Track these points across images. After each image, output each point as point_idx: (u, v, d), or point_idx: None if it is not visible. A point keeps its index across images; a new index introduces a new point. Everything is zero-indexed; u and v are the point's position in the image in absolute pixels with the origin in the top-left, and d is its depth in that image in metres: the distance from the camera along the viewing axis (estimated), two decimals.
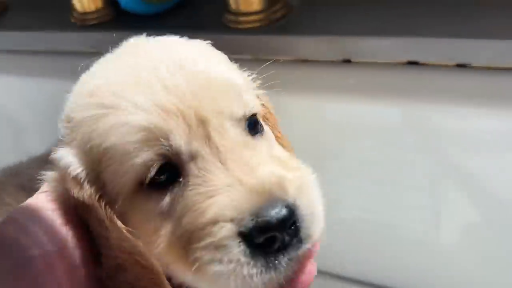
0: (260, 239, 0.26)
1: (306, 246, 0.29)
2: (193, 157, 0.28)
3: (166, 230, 0.28)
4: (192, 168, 0.28)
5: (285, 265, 0.27)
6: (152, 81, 0.29)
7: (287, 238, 0.27)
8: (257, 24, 0.56)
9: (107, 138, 0.28)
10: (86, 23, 0.66)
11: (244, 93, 0.32)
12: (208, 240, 0.26)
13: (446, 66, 0.47)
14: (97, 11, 0.66)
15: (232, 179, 0.27)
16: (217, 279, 0.27)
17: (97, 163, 0.30)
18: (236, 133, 0.30)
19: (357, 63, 0.51)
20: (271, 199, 0.27)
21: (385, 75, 0.50)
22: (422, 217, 0.56)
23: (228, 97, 0.31)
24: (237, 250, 0.26)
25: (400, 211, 0.57)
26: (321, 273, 0.66)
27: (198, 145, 0.28)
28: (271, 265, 0.27)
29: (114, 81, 0.30)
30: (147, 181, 0.28)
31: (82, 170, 0.30)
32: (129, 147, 0.28)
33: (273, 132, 0.37)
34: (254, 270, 0.27)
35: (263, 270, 0.27)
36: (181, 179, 0.28)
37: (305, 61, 0.54)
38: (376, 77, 0.50)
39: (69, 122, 0.31)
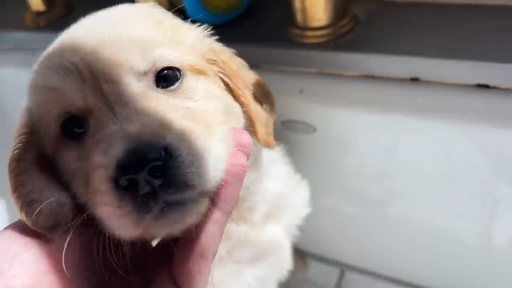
0: (124, 182, 0.26)
1: (185, 192, 0.27)
2: (90, 110, 0.30)
3: (81, 171, 0.30)
4: (91, 120, 0.30)
5: (157, 209, 0.27)
6: (69, 44, 0.32)
7: (156, 181, 0.26)
8: (324, 39, 0.56)
9: (33, 99, 0.33)
10: None
11: (157, 48, 0.32)
12: (91, 185, 0.28)
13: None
14: None
15: (117, 127, 0.28)
16: (104, 220, 0.28)
17: (36, 121, 0.34)
18: (136, 86, 0.31)
19: (425, 82, 0.52)
20: (140, 143, 0.27)
21: (454, 96, 0.50)
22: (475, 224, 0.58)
23: (127, 51, 0.31)
24: (109, 194, 0.27)
25: (456, 218, 0.59)
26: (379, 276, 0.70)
27: (92, 99, 0.30)
28: (140, 208, 0.27)
29: (52, 47, 0.34)
30: (61, 132, 0.32)
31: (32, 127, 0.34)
32: (42, 108, 0.32)
33: (232, 88, 0.38)
34: (125, 212, 0.27)
35: (133, 212, 0.27)
36: (86, 129, 0.31)
37: (371, 77, 0.55)
38: (444, 98, 0.51)
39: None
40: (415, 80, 0.52)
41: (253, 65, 0.43)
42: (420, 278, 0.70)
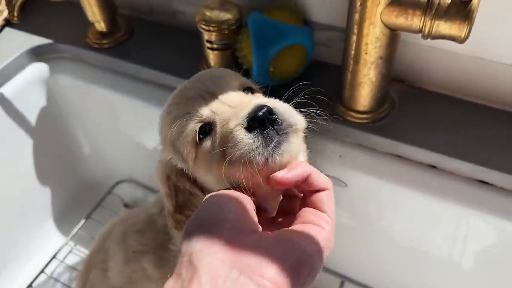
0: (255, 125, 0.42)
1: (287, 128, 0.44)
2: (214, 112, 0.48)
3: (214, 155, 0.47)
4: (217, 118, 0.48)
5: (275, 141, 0.42)
6: (190, 83, 0.53)
7: (272, 118, 0.43)
8: (364, 121, 0.70)
9: (172, 126, 0.50)
10: None
11: (241, 79, 0.54)
12: (231, 143, 0.44)
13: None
14: None
15: (236, 109, 0.46)
16: (237, 158, 0.43)
17: (173, 145, 0.53)
18: (235, 93, 0.50)
19: (441, 170, 0.68)
20: (256, 106, 0.43)
21: (460, 185, 0.67)
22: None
23: (226, 78, 0.52)
24: (246, 137, 0.43)
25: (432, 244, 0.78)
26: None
27: (215, 106, 0.48)
28: (268, 136, 0.42)
29: (178, 89, 0.55)
30: (199, 137, 0.49)
31: (170, 158, 0.54)
32: (182, 126, 0.49)
33: None
34: (257, 142, 0.42)
35: (263, 141, 0.42)
36: (213, 127, 0.48)
37: (398, 157, 0.70)
38: (453, 185, 0.67)
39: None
40: (432, 167, 0.68)
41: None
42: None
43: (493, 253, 0.72)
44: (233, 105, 0.47)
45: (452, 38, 0.54)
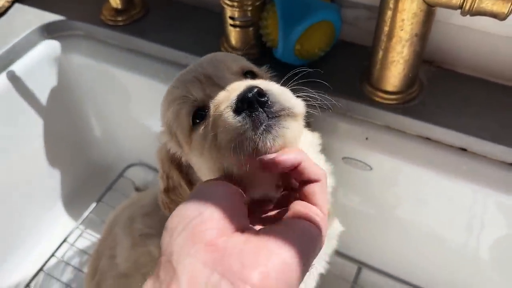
0: (244, 106, 0.39)
1: (280, 111, 0.40)
2: (208, 95, 0.46)
3: (208, 140, 0.44)
4: (210, 101, 0.46)
5: (265, 124, 0.39)
6: (190, 68, 0.51)
7: (262, 100, 0.39)
8: (393, 102, 0.68)
9: (170, 111, 0.49)
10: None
11: (244, 63, 0.52)
12: (220, 128, 0.42)
13: None
14: (247, 47, 0.76)
15: (228, 92, 0.44)
16: (225, 142, 0.40)
17: (170, 129, 0.51)
18: (233, 76, 0.48)
19: (471, 153, 0.66)
20: (247, 88, 0.40)
21: (491, 170, 0.65)
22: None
23: (226, 62, 0.50)
24: (234, 120, 0.39)
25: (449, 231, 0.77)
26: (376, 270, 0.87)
27: (209, 89, 0.47)
28: (255, 122, 0.39)
29: (180, 73, 0.52)
30: (191, 123, 0.47)
31: (169, 139, 0.52)
32: (178, 109, 0.48)
33: None
34: (245, 124, 0.39)
35: (251, 122, 0.39)
36: (207, 111, 0.46)
37: (427, 139, 0.68)
38: (483, 168, 0.65)
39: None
40: (463, 150, 0.66)
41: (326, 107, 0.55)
42: (422, 280, 0.88)
43: None
44: (227, 89, 0.45)
45: (494, 15, 0.52)
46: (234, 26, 0.73)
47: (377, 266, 0.91)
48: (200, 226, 0.33)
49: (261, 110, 0.39)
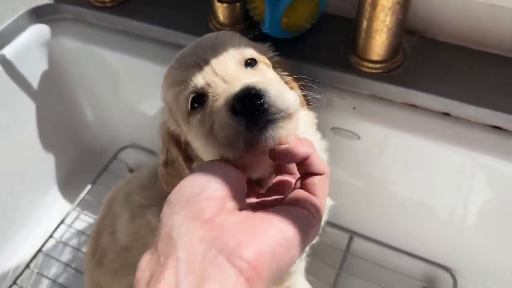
0: (239, 108, 0.40)
1: (276, 113, 0.40)
2: (208, 84, 0.47)
3: (204, 128, 0.47)
4: (210, 90, 0.47)
5: (260, 126, 0.40)
6: (189, 50, 0.51)
7: (259, 103, 0.40)
8: (379, 71, 0.70)
9: (169, 92, 0.51)
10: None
11: (245, 50, 0.51)
12: (216, 121, 0.44)
13: None
14: (233, 24, 0.78)
15: (228, 87, 0.45)
16: (220, 141, 0.42)
17: (170, 108, 0.54)
18: (234, 66, 0.49)
19: (454, 117, 0.68)
20: (244, 87, 0.41)
21: (475, 133, 0.67)
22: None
23: (228, 48, 0.50)
24: (229, 120, 0.41)
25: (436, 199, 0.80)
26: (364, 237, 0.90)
27: (210, 78, 0.48)
28: (248, 124, 0.40)
29: (179, 54, 0.53)
30: (189, 108, 0.49)
31: (169, 117, 0.54)
32: (177, 95, 0.49)
33: (283, 77, 0.57)
34: (241, 128, 0.40)
35: (245, 125, 0.40)
36: (205, 99, 0.48)
37: (413, 106, 0.70)
38: (466, 131, 0.68)
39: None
40: (446, 114, 0.69)
41: (313, 79, 0.56)
42: (411, 246, 0.91)
43: (504, 202, 0.73)
44: (227, 80, 0.46)
45: None
46: (221, 1, 0.75)
47: (368, 235, 0.94)
48: (201, 203, 0.35)
49: (257, 112, 0.40)
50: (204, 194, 0.35)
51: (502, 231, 0.78)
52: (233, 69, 0.48)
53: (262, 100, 0.40)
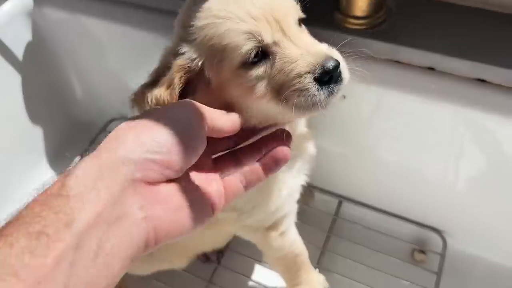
0: (326, 78, 0.46)
1: (343, 83, 0.48)
2: (276, 43, 0.47)
3: (262, 85, 0.48)
4: (277, 49, 0.47)
5: (336, 91, 0.47)
6: (245, 1, 0.47)
7: (336, 74, 0.47)
8: (363, 27, 0.70)
9: (223, 39, 0.47)
10: None
11: (297, 8, 0.51)
12: (297, 86, 0.46)
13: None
14: None
15: (302, 51, 0.47)
16: (301, 105, 0.47)
17: (214, 55, 0.48)
18: (296, 26, 0.50)
19: (439, 72, 0.68)
20: (328, 58, 0.46)
21: (458, 85, 0.67)
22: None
23: (290, 7, 0.49)
24: (314, 88, 0.46)
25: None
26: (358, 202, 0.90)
27: (278, 36, 0.47)
28: (330, 91, 0.47)
29: (221, 2, 0.49)
30: (250, 61, 0.47)
31: (200, 60, 0.48)
32: (238, 43, 0.47)
33: None
34: (323, 95, 0.46)
35: (327, 94, 0.47)
36: (270, 57, 0.48)
37: (397, 62, 0.70)
38: (451, 86, 0.68)
39: (189, 27, 0.50)
40: (431, 69, 0.68)
41: None
42: (401, 209, 0.91)
43: (491, 157, 0.73)
44: (298, 44, 0.47)
45: None
46: None
47: (357, 199, 0.94)
48: (149, 164, 0.34)
49: (335, 84, 0.47)
50: (169, 146, 0.35)
51: (492, 191, 0.78)
52: (296, 29, 0.49)
53: (340, 71, 0.47)
